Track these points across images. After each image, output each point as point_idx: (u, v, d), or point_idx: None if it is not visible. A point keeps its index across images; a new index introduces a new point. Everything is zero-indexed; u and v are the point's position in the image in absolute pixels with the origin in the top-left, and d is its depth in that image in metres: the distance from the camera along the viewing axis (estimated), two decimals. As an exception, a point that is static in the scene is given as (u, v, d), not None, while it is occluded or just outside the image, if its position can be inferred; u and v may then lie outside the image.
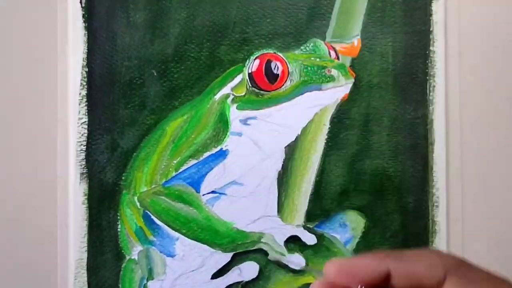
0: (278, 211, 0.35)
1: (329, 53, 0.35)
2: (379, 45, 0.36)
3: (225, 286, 0.35)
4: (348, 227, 0.35)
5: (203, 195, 0.35)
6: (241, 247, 0.35)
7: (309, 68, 0.35)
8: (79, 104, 0.35)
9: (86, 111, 0.36)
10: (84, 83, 0.35)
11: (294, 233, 0.35)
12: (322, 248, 0.35)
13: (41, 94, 0.36)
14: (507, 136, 0.36)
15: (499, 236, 0.35)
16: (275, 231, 0.35)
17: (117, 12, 0.36)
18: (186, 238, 0.35)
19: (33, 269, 0.35)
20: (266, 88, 0.35)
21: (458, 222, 0.35)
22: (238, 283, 0.35)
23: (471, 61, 0.36)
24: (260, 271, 0.35)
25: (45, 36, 0.36)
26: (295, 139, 0.35)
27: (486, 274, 0.22)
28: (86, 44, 0.35)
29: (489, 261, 0.35)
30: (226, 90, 0.35)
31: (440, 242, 0.35)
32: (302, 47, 0.36)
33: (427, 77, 0.36)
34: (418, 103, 0.36)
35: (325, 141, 0.35)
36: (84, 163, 0.35)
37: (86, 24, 0.36)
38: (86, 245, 0.35)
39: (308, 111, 0.35)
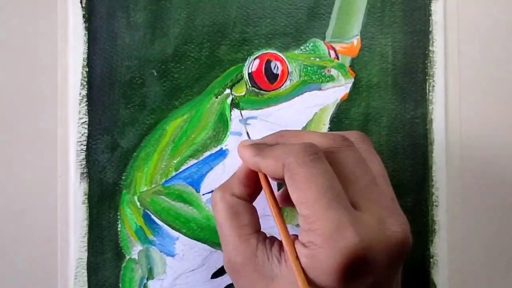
0: (278, 211, 0.35)
1: (329, 53, 0.36)
2: (379, 45, 0.36)
3: (225, 286, 0.35)
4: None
5: (203, 194, 0.35)
6: (241, 247, 0.35)
7: (308, 68, 0.35)
8: (79, 104, 0.36)
9: (86, 111, 0.36)
10: (84, 83, 0.36)
11: (293, 233, 0.35)
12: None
13: (41, 94, 0.36)
14: (507, 136, 0.36)
15: (499, 235, 0.35)
16: (275, 230, 0.35)
17: (117, 12, 0.36)
18: (186, 238, 0.35)
19: (33, 269, 0.35)
20: (266, 88, 0.35)
21: (458, 221, 0.35)
22: (238, 282, 0.35)
23: (471, 61, 0.36)
24: (260, 271, 0.35)
25: (45, 36, 0.36)
26: (295, 138, 0.35)
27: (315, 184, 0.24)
28: (87, 44, 0.36)
29: (489, 260, 0.36)
30: (226, 89, 0.36)
31: (440, 241, 0.35)
32: (301, 47, 0.36)
33: (427, 77, 0.36)
34: (417, 102, 0.36)
35: (325, 141, 0.35)
36: (84, 163, 0.35)
37: (87, 24, 0.36)
38: (86, 244, 0.35)
39: (308, 110, 0.35)
